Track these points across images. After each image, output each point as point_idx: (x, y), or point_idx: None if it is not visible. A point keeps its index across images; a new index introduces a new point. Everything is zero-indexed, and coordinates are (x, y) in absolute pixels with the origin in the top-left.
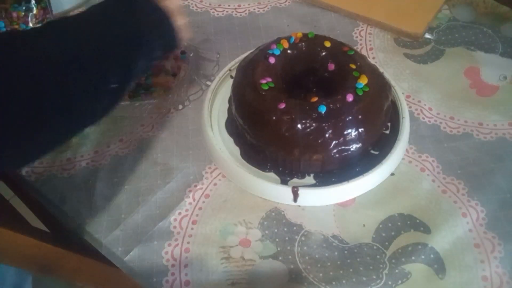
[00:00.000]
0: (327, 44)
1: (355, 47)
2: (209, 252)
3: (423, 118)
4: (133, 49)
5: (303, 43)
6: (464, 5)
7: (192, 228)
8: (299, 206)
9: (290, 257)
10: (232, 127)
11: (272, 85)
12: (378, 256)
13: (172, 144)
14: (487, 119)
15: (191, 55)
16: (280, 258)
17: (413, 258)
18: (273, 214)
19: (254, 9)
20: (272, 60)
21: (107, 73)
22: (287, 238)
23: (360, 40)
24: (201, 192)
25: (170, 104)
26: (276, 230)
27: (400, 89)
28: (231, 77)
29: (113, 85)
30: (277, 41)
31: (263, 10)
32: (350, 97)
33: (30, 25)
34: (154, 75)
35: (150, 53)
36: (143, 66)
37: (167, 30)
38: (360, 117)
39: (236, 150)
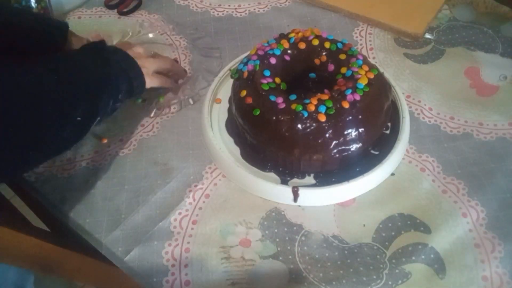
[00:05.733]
0: (327, 44)
1: (355, 47)
2: (209, 252)
3: (423, 118)
4: (101, 88)
5: (304, 43)
6: (464, 5)
7: (192, 228)
8: (299, 206)
9: (290, 257)
10: (232, 127)
11: (272, 85)
12: (378, 256)
13: (172, 144)
14: (487, 119)
15: (191, 56)
16: (280, 258)
17: (413, 258)
18: (273, 214)
19: (254, 9)
20: (272, 60)
21: (74, 105)
22: (287, 238)
23: (360, 40)
24: (201, 192)
25: (170, 104)
26: (276, 230)
27: (400, 89)
28: (231, 77)
29: (78, 118)
30: (279, 39)
31: (263, 10)
32: (350, 97)
33: None
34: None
35: (117, 95)
36: (108, 105)
37: (135, 76)
38: (360, 117)
39: (236, 150)
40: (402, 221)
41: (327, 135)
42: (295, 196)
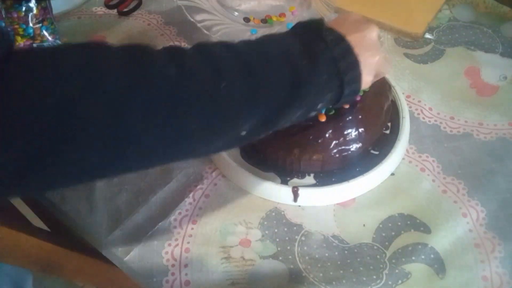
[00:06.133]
0: None
1: None
2: (209, 252)
3: (423, 118)
4: (295, 94)
5: None
6: (464, 5)
7: (192, 228)
8: (299, 206)
9: (290, 257)
10: None
11: None
12: (378, 256)
13: None
14: (487, 119)
15: None
16: (280, 258)
17: (413, 258)
18: (273, 214)
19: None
20: None
21: (243, 117)
22: (287, 238)
23: None
24: (201, 192)
25: None
26: (276, 230)
27: (400, 89)
28: None
29: (242, 132)
30: None
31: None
32: None
33: (30, 25)
34: None
35: (313, 106)
36: (293, 117)
37: (349, 81)
38: (360, 117)
39: (236, 150)
40: (402, 221)
41: (327, 135)
42: (295, 196)
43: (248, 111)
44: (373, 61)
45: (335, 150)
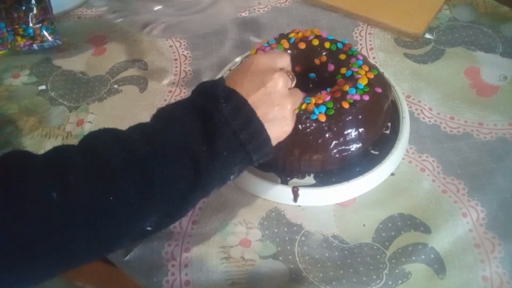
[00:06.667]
0: (327, 44)
1: (355, 47)
2: (209, 252)
3: (423, 118)
4: (196, 180)
5: (304, 43)
6: (464, 5)
7: (192, 228)
8: (299, 206)
9: (290, 257)
10: None
11: None
12: (378, 256)
13: None
14: (487, 119)
15: (192, 57)
16: (280, 258)
17: (413, 258)
18: (273, 214)
19: (254, 9)
20: None
21: (146, 214)
22: (287, 238)
23: (360, 40)
24: None
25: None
26: (276, 230)
27: (400, 89)
28: None
29: (148, 228)
30: (279, 39)
31: (263, 10)
32: (350, 97)
33: (30, 25)
34: None
35: (221, 182)
36: (200, 199)
37: (256, 148)
38: (360, 117)
39: None
40: (402, 221)
41: (327, 135)
42: (295, 196)
43: (146, 212)
44: (285, 113)
45: (335, 150)
